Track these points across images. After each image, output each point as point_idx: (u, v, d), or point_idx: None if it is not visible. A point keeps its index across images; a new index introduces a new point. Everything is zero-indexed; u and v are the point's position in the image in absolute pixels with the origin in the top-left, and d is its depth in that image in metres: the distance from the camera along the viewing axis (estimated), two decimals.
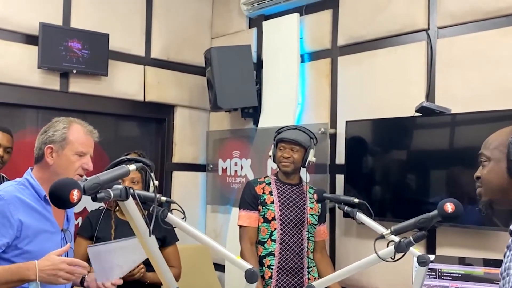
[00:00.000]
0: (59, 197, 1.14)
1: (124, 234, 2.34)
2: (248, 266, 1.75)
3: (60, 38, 3.34)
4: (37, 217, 1.88)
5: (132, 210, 1.34)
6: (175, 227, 1.83)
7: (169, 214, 1.87)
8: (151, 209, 1.85)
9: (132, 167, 1.36)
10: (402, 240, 1.64)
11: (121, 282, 2.17)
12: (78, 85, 3.51)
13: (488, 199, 1.44)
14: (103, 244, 2.31)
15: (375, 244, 1.67)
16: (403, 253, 1.64)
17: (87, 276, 2.21)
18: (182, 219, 1.89)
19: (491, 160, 1.43)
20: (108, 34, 3.54)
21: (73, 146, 1.95)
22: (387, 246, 1.67)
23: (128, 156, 2.66)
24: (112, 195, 1.25)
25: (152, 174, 2.59)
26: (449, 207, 1.58)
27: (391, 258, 1.65)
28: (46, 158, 1.92)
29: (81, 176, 1.98)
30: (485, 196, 1.45)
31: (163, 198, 1.88)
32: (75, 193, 1.14)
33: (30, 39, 3.31)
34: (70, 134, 1.96)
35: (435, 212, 1.62)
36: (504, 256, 1.25)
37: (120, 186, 1.29)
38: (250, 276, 1.73)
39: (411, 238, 1.62)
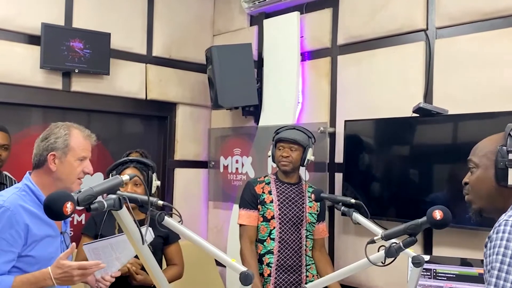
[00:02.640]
0: (53, 210, 1.18)
1: None
2: (243, 268, 1.79)
3: (62, 38, 3.38)
4: (39, 223, 1.92)
5: (125, 219, 1.37)
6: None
7: (166, 217, 1.91)
8: (148, 212, 1.90)
9: (126, 177, 1.40)
10: (392, 245, 1.67)
11: (119, 274, 2.22)
12: (80, 84, 3.54)
13: (478, 207, 1.47)
14: (99, 240, 2.35)
15: (366, 248, 1.70)
16: (393, 258, 1.67)
17: None
18: (179, 222, 1.94)
19: (479, 167, 1.45)
20: (110, 34, 3.57)
21: (75, 152, 1.99)
22: (378, 251, 1.71)
23: (130, 157, 2.71)
24: (105, 205, 1.29)
25: (154, 175, 2.64)
26: (438, 214, 1.62)
27: (381, 262, 1.69)
28: (49, 165, 1.96)
29: (81, 179, 2.02)
30: (475, 204, 1.47)
31: (160, 202, 1.91)
32: (68, 206, 1.18)
33: (32, 40, 3.35)
34: (71, 141, 1.99)
35: (424, 218, 1.65)
36: (485, 247, 1.29)
37: (113, 196, 1.32)
38: (244, 279, 1.76)
39: (401, 243, 1.65)
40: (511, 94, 2.58)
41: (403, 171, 2.97)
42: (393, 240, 1.70)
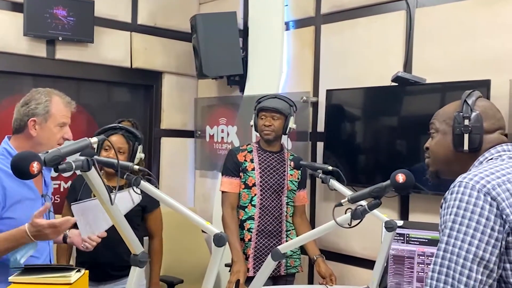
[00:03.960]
0: (20, 169, 1.22)
1: None
2: (216, 231, 1.85)
3: (45, 6, 3.37)
4: (19, 185, 1.97)
5: (95, 180, 1.42)
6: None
7: (142, 181, 1.96)
8: (125, 176, 1.95)
9: (94, 140, 1.43)
10: (358, 207, 1.72)
11: (105, 234, 2.26)
12: (64, 52, 3.55)
13: (435, 170, 1.52)
14: (86, 200, 2.39)
15: (334, 211, 1.75)
16: (359, 220, 1.73)
17: (69, 232, 2.32)
18: (155, 186, 1.99)
19: (439, 132, 1.50)
20: (94, 1, 3.56)
21: (56, 119, 2.04)
22: (345, 213, 1.76)
23: (120, 124, 2.72)
24: (74, 166, 1.33)
25: (140, 147, 2.66)
26: (400, 177, 1.67)
27: (348, 224, 1.75)
28: (29, 130, 2.00)
29: (61, 145, 2.06)
30: (432, 167, 1.53)
31: (136, 167, 1.95)
32: (35, 165, 1.22)
33: (15, 7, 3.34)
34: (52, 107, 2.04)
35: (388, 182, 1.70)
36: (441, 207, 1.35)
37: (82, 158, 1.36)
38: (218, 240, 1.82)
39: (366, 206, 1.70)
40: (488, 63, 2.61)
41: (383, 140, 3.03)
42: (360, 203, 1.75)
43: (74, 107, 2.16)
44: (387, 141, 2.99)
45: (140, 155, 2.66)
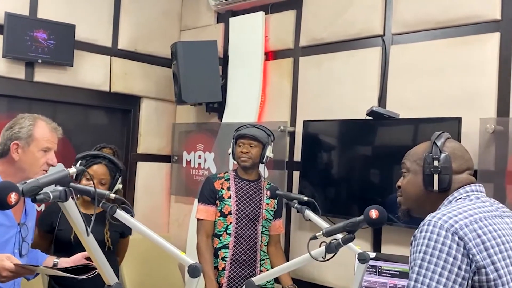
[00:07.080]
0: None
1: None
2: (191, 261, 1.86)
3: (25, 28, 3.37)
4: None
5: (72, 211, 1.42)
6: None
7: (117, 210, 1.96)
8: (100, 205, 1.95)
9: (72, 170, 1.44)
10: (332, 241, 1.76)
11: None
12: (43, 75, 3.54)
13: (406, 208, 1.57)
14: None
15: (309, 244, 1.78)
16: (333, 254, 1.77)
17: (60, 260, 2.26)
18: (131, 215, 1.98)
19: (410, 171, 1.55)
20: (75, 25, 3.57)
21: (39, 143, 2.02)
22: (320, 246, 1.80)
23: (102, 153, 2.66)
24: (51, 196, 1.33)
25: (120, 178, 2.62)
26: (374, 213, 1.71)
27: (322, 257, 1.77)
28: (11, 154, 1.98)
29: (46, 171, 2.04)
30: (404, 205, 1.58)
31: (112, 195, 1.95)
32: (13, 196, 1.22)
33: None
34: (35, 131, 2.02)
35: (361, 217, 1.74)
36: (411, 245, 1.39)
37: (60, 188, 1.36)
38: (192, 271, 1.83)
39: (340, 240, 1.74)
40: (460, 101, 2.70)
41: (358, 171, 3.09)
42: (334, 237, 1.79)
43: (61, 133, 2.15)
44: (362, 172, 3.05)
45: (118, 185, 2.63)
